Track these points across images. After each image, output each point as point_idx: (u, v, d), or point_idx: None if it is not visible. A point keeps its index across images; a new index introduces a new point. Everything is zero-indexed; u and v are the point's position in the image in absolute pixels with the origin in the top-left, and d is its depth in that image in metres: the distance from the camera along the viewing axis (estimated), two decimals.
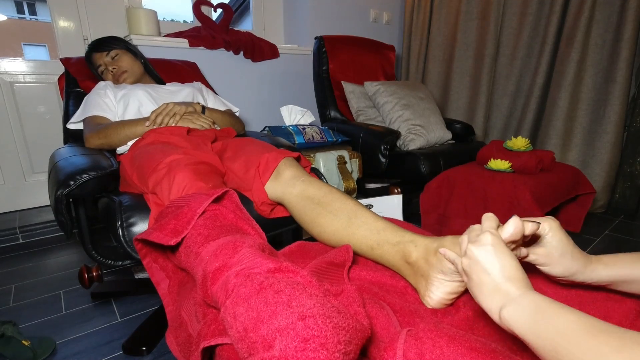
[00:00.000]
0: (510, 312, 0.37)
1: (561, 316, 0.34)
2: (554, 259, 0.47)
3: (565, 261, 0.47)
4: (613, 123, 1.81)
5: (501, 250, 0.41)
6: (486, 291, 0.41)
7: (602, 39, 1.81)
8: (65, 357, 0.91)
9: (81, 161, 0.88)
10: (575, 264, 0.47)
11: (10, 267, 1.42)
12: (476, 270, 0.42)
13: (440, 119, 1.84)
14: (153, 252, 0.70)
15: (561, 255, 0.47)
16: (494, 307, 0.40)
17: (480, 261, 0.41)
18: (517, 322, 0.36)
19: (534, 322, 0.35)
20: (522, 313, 0.36)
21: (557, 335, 0.32)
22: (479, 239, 0.43)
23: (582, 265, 0.47)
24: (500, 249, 0.41)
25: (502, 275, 0.40)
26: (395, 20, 2.59)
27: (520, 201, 1.24)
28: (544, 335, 0.33)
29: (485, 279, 0.41)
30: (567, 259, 0.47)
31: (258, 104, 2.15)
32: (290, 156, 0.87)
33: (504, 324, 0.38)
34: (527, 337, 0.35)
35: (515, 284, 0.39)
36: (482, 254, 0.42)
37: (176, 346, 0.60)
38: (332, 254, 0.62)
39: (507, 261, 0.40)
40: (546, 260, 0.47)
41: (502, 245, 0.42)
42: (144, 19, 1.71)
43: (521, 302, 0.37)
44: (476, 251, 0.42)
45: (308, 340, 0.34)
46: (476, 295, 0.42)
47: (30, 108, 1.75)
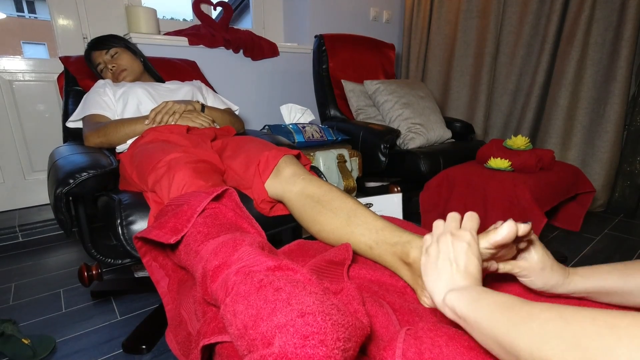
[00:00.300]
0: (455, 295, 0.40)
1: (501, 295, 0.37)
2: (535, 272, 0.49)
3: (545, 274, 0.49)
4: (613, 122, 1.81)
5: (473, 251, 0.44)
6: (441, 277, 0.44)
7: (603, 37, 1.81)
8: (65, 355, 0.91)
9: (81, 159, 0.88)
10: (554, 276, 0.49)
11: (10, 265, 1.42)
12: (442, 257, 0.45)
13: (440, 117, 1.84)
14: (153, 251, 0.70)
15: (541, 269, 0.49)
16: (440, 290, 0.43)
17: (451, 251, 0.45)
18: (459, 302, 0.39)
19: (475, 302, 0.37)
20: (466, 295, 0.39)
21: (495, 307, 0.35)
22: (459, 234, 0.46)
23: (560, 278, 0.49)
24: (473, 250, 0.45)
25: (463, 269, 0.43)
26: (395, 18, 2.59)
27: (520, 200, 1.24)
28: (483, 311, 0.36)
29: (446, 267, 0.44)
30: (546, 272, 0.49)
31: (258, 102, 2.15)
32: (290, 154, 0.87)
33: (446, 305, 0.41)
34: (466, 315, 0.38)
35: (469, 278, 0.43)
36: (457, 247, 0.45)
37: (176, 344, 0.60)
38: (332, 253, 0.62)
39: (472, 261, 0.44)
40: (528, 273, 0.50)
41: (476, 248, 0.45)
42: (144, 17, 1.71)
43: (467, 289, 0.41)
44: (452, 242, 0.45)
45: (307, 337, 0.34)
46: (428, 277, 0.46)
47: (29, 106, 1.75)
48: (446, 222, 0.49)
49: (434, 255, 0.46)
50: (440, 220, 0.51)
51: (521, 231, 0.45)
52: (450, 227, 0.48)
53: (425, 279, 0.46)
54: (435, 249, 0.47)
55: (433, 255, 0.47)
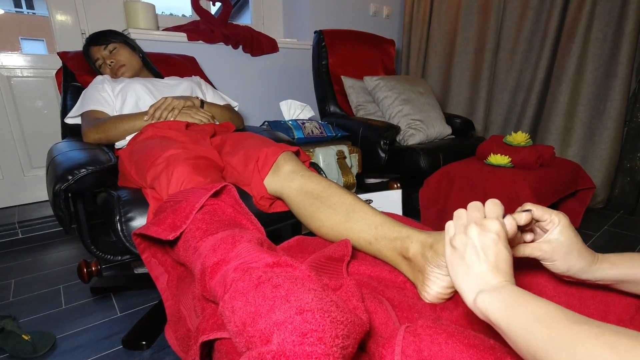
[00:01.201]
0: (488, 297, 0.37)
1: (540, 304, 0.33)
2: (560, 256, 0.46)
3: (570, 259, 0.46)
4: (613, 118, 1.81)
5: (503, 242, 0.40)
6: (470, 274, 0.40)
7: (604, 33, 1.80)
8: (65, 351, 0.92)
9: (79, 156, 0.88)
10: (581, 261, 0.46)
11: (10, 262, 1.42)
12: (470, 252, 0.41)
13: (440, 113, 1.84)
14: (152, 247, 0.70)
15: (567, 253, 0.46)
16: (470, 289, 0.39)
17: (478, 245, 0.40)
18: (492, 307, 0.36)
19: (510, 308, 0.34)
20: (499, 300, 0.36)
21: (534, 321, 0.32)
22: (486, 224, 0.41)
23: (587, 264, 0.46)
24: (502, 240, 0.40)
25: (493, 265, 0.39)
26: (396, 14, 2.57)
27: (520, 196, 1.24)
28: (520, 321, 0.33)
29: (474, 262, 0.40)
30: (573, 256, 0.46)
31: (257, 98, 2.14)
32: (289, 150, 0.87)
33: (477, 309, 0.37)
34: (501, 322, 0.34)
35: (500, 275, 0.38)
36: (484, 239, 0.40)
37: (175, 341, 0.60)
38: (331, 249, 0.62)
39: (503, 253, 0.39)
40: (551, 257, 0.46)
41: (505, 237, 0.41)
42: (142, 13, 1.70)
43: (501, 290, 0.37)
44: (479, 234, 0.41)
45: (306, 334, 0.34)
46: (456, 273, 0.41)
47: (28, 102, 1.74)
48: (468, 212, 0.44)
49: (460, 249, 0.42)
50: (462, 209, 0.45)
51: (523, 221, 0.44)
52: (474, 216, 0.43)
53: (453, 275, 0.42)
54: (462, 240, 0.42)
55: (460, 248, 0.42)
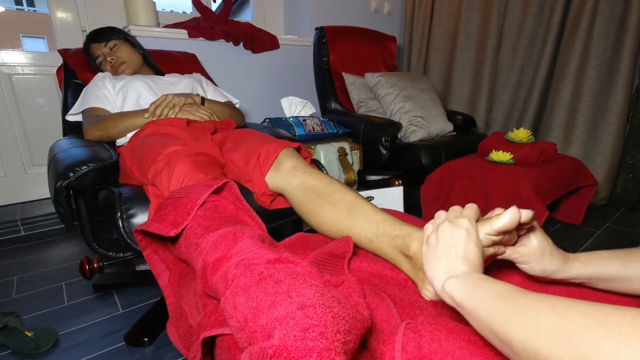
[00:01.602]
0: (453, 282, 0.40)
1: (500, 284, 0.36)
2: (535, 258, 0.49)
3: (544, 260, 0.49)
4: (616, 115, 1.80)
5: (472, 238, 0.44)
6: (440, 264, 0.44)
7: (607, 29, 1.79)
8: (67, 347, 0.92)
9: (80, 153, 0.88)
10: (554, 262, 0.49)
11: (12, 259, 1.42)
12: (442, 245, 0.45)
13: (441, 110, 1.83)
14: (153, 244, 0.70)
15: (541, 255, 0.49)
16: (440, 277, 0.43)
17: (449, 239, 0.45)
18: (457, 290, 0.39)
19: (473, 289, 0.37)
20: (464, 283, 0.39)
21: (492, 298, 0.35)
22: (457, 221, 0.46)
23: (560, 264, 0.49)
24: (471, 237, 0.44)
25: (462, 257, 0.43)
26: (397, 10, 2.56)
27: (522, 193, 1.23)
28: (480, 300, 0.36)
29: (446, 255, 0.44)
30: (546, 258, 0.49)
31: (258, 95, 2.14)
32: (290, 147, 0.86)
33: (445, 292, 0.41)
34: (464, 303, 0.38)
35: (468, 265, 0.42)
36: (455, 234, 0.45)
37: (177, 337, 0.60)
38: (333, 245, 0.62)
39: (471, 248, 0.44)
40: (527, 259, 0.49)
41: (474, 234, 0.45)
42: (143, 10, 1.69)
43: (466, 276, 0.40)
44: (450, 229, 0.45)
45: (307, 329, 0.34)
46: (428, 265, 0.46)
47: (29, 100, 1.74)
48: (447, 213, 0.49)
49: (433, 244, 0.47)
50: (442, 210, 0.51)
51: (524, 217, 0.44)
52: (449, 216, 0.48)
53: (426, 267, 0.47)
54: (435, 237, 0.47)
55: (433, 243, 0.47)
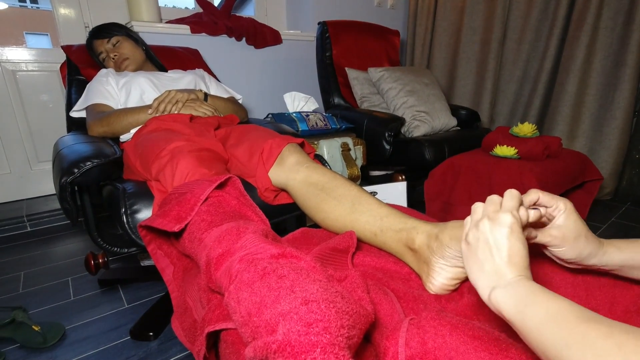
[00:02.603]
0: (501, 294, 0.36)
1: (553, 301, 0.33)
2: (569, 241, 0.45)
3: (579, 243, 0.45)
4: (622, 108, 1.78)
5: (516, 235, 0.39)
6: (483, 269, 0.40)
7: (613, 21, 1.76)
8: (74, 341, 0.93)
9: (84, 149, 0.88)
10: (589, 246, 0.45)
11: (19, 254, 1.44)
12: (482, 247, 0.40)
13: (445, 105, 1.82)
14: (157, 239, 0.71)
15: (576, 238, 0.45)
16: (485, 285, 0.39)
17: (490, 239, 0.40)
18: (506, 303, 0.36)
19: (523, 305, 0.34)
20: (513, 296, 0.35)
21: (546, 319, 0.32)
22: (498, 218, 0.40)
23: (594, 248, 0.45)
24: (516, 234, 0.39)
25: (507, 259, 0.38)
26: (400, 4, 2.54)
27: (526, 188, 1.22)
28: (532, 319, 0.33)
29: (488, 257, 0.39)
30: (581, 241, 0.45)
31: (261, 91, 2.13)
32: (294, 142, 0.86)
33: (492, 304, 0.37)
34: (514, 319, 0.35)
35: (516, 270, 0.38)
36: (496, 233, 0.40)
37: (182, 331, 0.60)
38: (336, 240, 0.62)
39: (517, 247, 0.39)
40: (561, 242, 0.45)
41: (519, 231, 0.40)
42: (145, 5, 1.69)
43: (515, 286, 0.36)
44: (491, 228, 0.40)
45: (311, 324, 0.34)
46: (470, 269, 0.42)
47: (33, 96, 1.75)
48: (485, 206, 0.43)
49: (473, 244, 0.41)
50: (479, 203, 0.45)
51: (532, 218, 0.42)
52: (488, 210, 0.42)
53: (468, 271, 0.42)
54: (475, 235, 0.42)
55: (472, 244, 0.42)
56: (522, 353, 0.36)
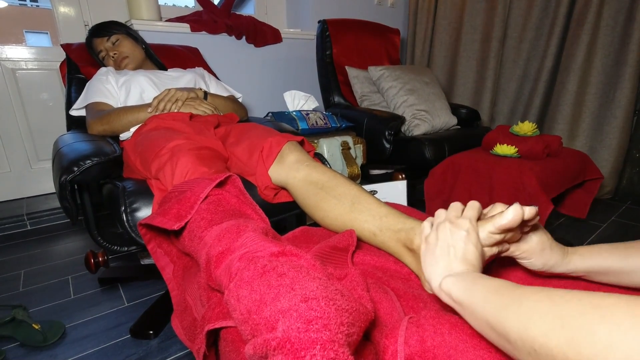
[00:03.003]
0: (451, 280, 0.41)
1: (496, 280, 0.37)
2: (536, 253, 0.49)
3: (545, 254, 0.49)
4: (622, 107, 1.78)
5: (471, 239, 0.44)
6: (438, 264, 0.44)
7: (614, 19, 1.76)
8: (74, 340, 0.93)
9: (84, 147, 0.88)
10: (554, 256, 0.49)
11: (19, 253, 1.44)
12: (441, 245, 0.46)
13: (445, 104, 1.82)
14: (157, 237, 0.71)
15: (542, 249, 0.49)
16: (437, 276, 0.44)
17: (449, 239, 0.45)
18: (454, 287, 0.40)
19: (470, 286, 0.38)
20: (462, 280, 0.40)
21: (489, 292, 0.35)
22: (458, 222, 0.46)
23: (559, 258, 0.49)
24: (471, 237, 0.44)
25: (461, 257, 0.44)
26: (401, 2, 2.53)
27: (526, 187, 1.23)
28: (477, 295, 0.36)
29: (444, 255, 0.45)
30: (546, 251, 0.49)
31: (261, 89, 2.13)
32: (294, 140, 0.86)
33: (442, 290, 0.41)
34: (461, 300, 0.38)
35: (467, 265, 0.43)
36: (455, 235, 0.45)
37: (182, 329, 0.60)
38: (336, 239, 0.62)
39: (471, 249, 0.44)
40: (528, 255, 0.50)
41: (474, 236, 0.45)
42: (145, 4, 1.69)
43: (463, 275, 0.41)
44: (450, 230, 0.46)
45: (311, 321, 0.34)
46: (426, 264, 0.47)
47: (33, 95, 1.75)
48: (447, 212, 0.49)
49: (432, 243, 0.47)
50: (442, 209, 0.51)
51: (527, 214, 0.44)
52: (450, 215, 0.48)
53: (424, 266, 0.47)
54: (434, 237, 0.47)
55: (432, 243, 0.47)
56: None
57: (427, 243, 0.48)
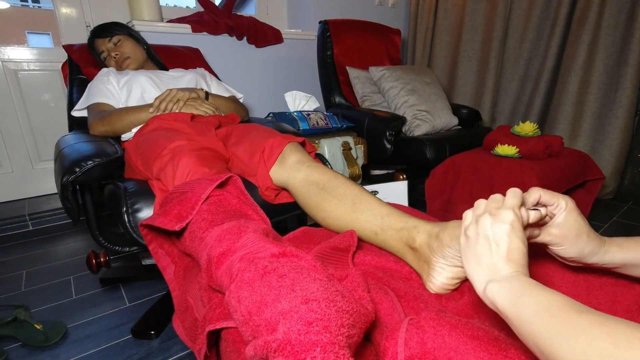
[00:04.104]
0: (497, 287, 0.37)
1: (547, 294, 0.33)
2: (570, 239, 0.45)
3: (580, 241, 0.45)
4: (624, 107, 1.77)
5: (517, 233, 0.39)
6: (481, 263, 0.40)
7: (615, 19, 1.76)
8: (76, 340, 0.93)
9: (86, 148, 0.88)
10: (590, 244, 0.45)
11: (21, 253, 1.44)
12: (482, 242, 0.40)
13: (446, 104, 1.81)
14: (159, 238, 0.71)
15: (577, 236, 0.44)
16: (481, 279, 0.39)
17: (490, 234, 0.40)
18: (501, 296, 0.36)
19: (517, 298, 0.34)
20: (508, 289, 0.36)
21: (539, 310, 0.32)
22: (500, 214, 0.40)
23: (596, 246, 0.45)
24: (516, 231, 0.39)
25: (505, 255, 0.39)
26: (401, 3, 2.53)
27: (527, 187, 1.21)
28: (525, 311, 0.33)
29: (486, 252, 0.40)
30: (582, 239, 0.44)
31: (262, 90, 2.13)
32: (295, 141, 0.86)
33: (487, 297, 0.38)
34: (508, 311, 0.35)
35: (513, 266, 0.38)
36: (497, 229, 0.40)
37: (183, 330, 0.60)
38: (337, 239, 0.62)
39: (516, 244, 0.39)
40: (561, 241, 0.45)
41: (519, 228, 0.40)
42: (146, 5, 1.69)
43: (511, 280, 0.36)
44: (492, 224, 0.40)
45: (311, 323, 0.34)
46: (467, 262, 0.42)
47: (35, 96, 1.75)
48: (487, 203, 0.44)
49: (473, 238, 0.42)
50: (482, 199, 0.45)
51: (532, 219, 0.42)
52: (490, 207, 0.43)
53: (465, 264, 0.42)
54: (474, 230, 0.42)
55: (472, 238, 0.42)
56: (521, 353, 0.36)
57: (467, 237, 0.43)
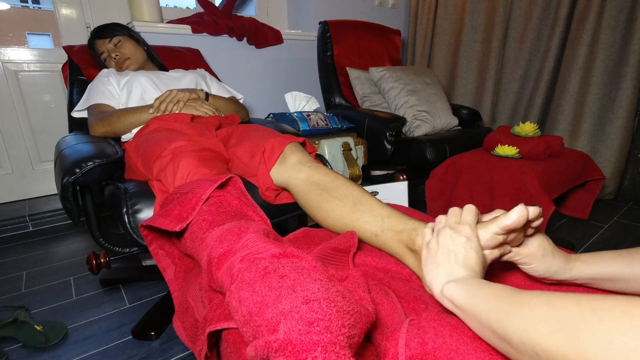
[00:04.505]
0: (453, 286, 0.41)
1: (497, 285, 0.37)
2: (537, 259, 0.49)
3: (546, 260, 0.49)
4: (624, 108, 1.77)
5: (472, 244, 0.45)
6: (440, 269, 0.45)
7: (616, 20, 1.76)
8: (76, 341, 0.93)
9: (86, 149, 0.88)
10: (557, 262, 0.49)
11: (21, 254, 1.44)
12: (442, 251, 0.46)
13: (446, 104, 1.81)
14: (159, 239, 0.71)
15: (543, 255, 0.49)
16: (439, 282, 0.44)
17: (450, 245, 0.45)
18: (457, 293, 0.40)
19: (472, 292, 0.38)
20: (464, 286, 0.40)
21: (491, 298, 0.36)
22: (458, 228, 0.46)
23: (562, 263, 0.49)
24: (472, 243, 0.45)
25: (462, 263, 0.44)
26: (401, 3, 2.53)
27: (528, 187, 1.22)
28: (479, 301, 0.36)
29: (445, 260, 0.45)
30: (548, 257, 0.49)
31: (262, 90, 2.14)
32: (295, 141, 0.86)
33: (444, 297, 0.42)
34: (464, 305, 0.38)
35: (468, 271, 0.43)
36: (456, 240, 0.45)
37: (183, 331, 0.60)
38: (337, 240, 0.62)
39: (472, 255, 0.44)
40: (529, 260, 0.49)
41: (475, 241, 0.45)
42: (146, 5, 1.69)
43: (465, 280, 0.41)
44: (451, 236, 0.46)
45: (312, 323, 0.34)
46: (427, 270, 0.47)
47: (35, 97, 1.75)
48: (447, 217, 0.50)
49: (433, 249, 0.47)
50: (442, 215, 0.51)
51: (531, 214, 0.44)
52: (450, 221, 0.48)
53: (425, 272, 0.47)
54: (435, 243, 0.48)
55: (433, 249, 0.47)
56: None
57: (428, 249, 0.49)
